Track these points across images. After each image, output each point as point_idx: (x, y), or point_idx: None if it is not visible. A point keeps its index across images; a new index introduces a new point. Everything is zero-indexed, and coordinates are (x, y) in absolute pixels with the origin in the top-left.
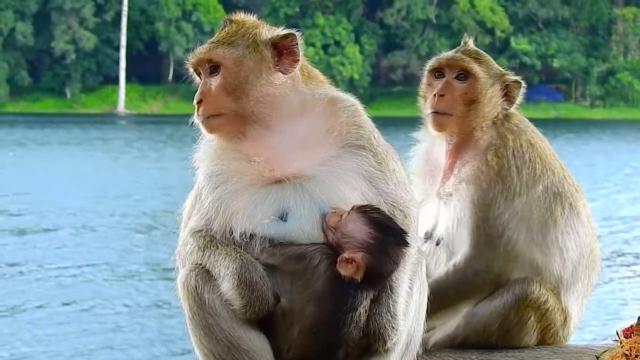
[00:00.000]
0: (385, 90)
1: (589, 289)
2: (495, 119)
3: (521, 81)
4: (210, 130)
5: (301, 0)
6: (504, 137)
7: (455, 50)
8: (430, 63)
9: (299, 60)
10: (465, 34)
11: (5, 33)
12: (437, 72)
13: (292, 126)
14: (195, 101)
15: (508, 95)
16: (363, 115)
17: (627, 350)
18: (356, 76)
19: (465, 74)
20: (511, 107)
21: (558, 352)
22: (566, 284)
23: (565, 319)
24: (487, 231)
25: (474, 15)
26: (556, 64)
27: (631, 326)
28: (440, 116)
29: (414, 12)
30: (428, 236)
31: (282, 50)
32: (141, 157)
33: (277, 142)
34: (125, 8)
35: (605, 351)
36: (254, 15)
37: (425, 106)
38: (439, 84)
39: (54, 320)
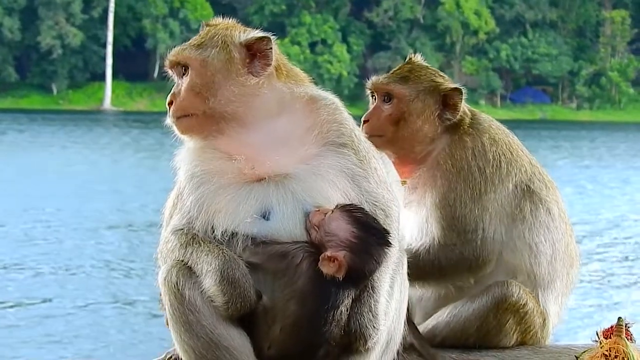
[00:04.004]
0: None
1: (568, 287)
2: (447, 127)
3: (461, 88)
4: (182, 131)
5: None
6: (461, 140)
7: (394, 69)
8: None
9: (270, 64)
10: (410, 51)
11: None
12: (372, 95)
13: (272, 124)
14: (166, 102)
15: (448, 104)
16: (344, 113)
17: (607, 351)
18: (345, 74)
19: (389, 96)
20: (455, 115)
21: (538, 352)
22: (543, 282)
23: (545, 320)
24: (459, 227)
25: (459, 16)
26: (542, 67)
27: (611, 327)
28: (370, 139)
29: (401, 12)
30: None
31: (255, 53)
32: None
33: (257, 140)
34: (112, 4)
35: (584, 351)
36: (239, 13)
37: None
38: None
39: None
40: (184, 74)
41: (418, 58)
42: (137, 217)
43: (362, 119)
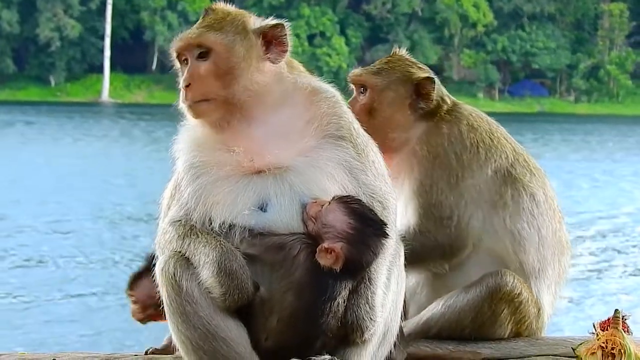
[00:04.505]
0: None
1: (561, 276)
2: (424, 115)
3: (432, 76)
4: (197, 115)
5: None
6: (437, 128)
7: (374, 63)
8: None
9: (287, 50)
10: (395, 46)
11: None
12: (353, 88)
13: (274, 116)
14: (183, 85)
15: (421, 93)
16: (343, 106)
17: (603, 343)
18: (343, 66)
19: (364, 87)
20: (429, 103)
21: (534, 343)
22: (533, 271)
23: (539, 310)
24: (435, 214)
25: (458, 9)
26: (540, 60)
27: (608, 319)
28: None
29: (399, 5)
30: None
31: (270, 40)
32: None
33: (258, 132)
34: None
35: (581, 343)
36: (237, 5)
37: None
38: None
39: None
40: (202, 57)
41: (402, 52)
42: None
43: None
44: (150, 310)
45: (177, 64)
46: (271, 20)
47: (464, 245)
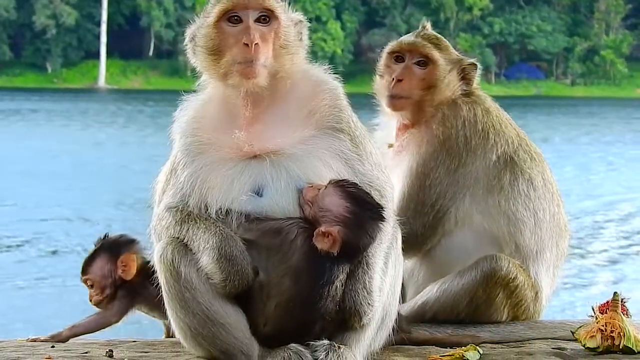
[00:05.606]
0: (366, 67)
1: (559, 259)
2: (453, 98)
3: (477, 63)
4: (251, 76)
5: None
6: (458, 108)
7: (414, 34)
8: (391, 46)
9: (306, 45)
10: (424, 19)
11: None
12: (397, 55)
13: (282, 104)
14: (253, 41)
15: (465, 77)
16: (344, 99)
17: (602, 326)
18: (338, 52)
19: (425, 60)
20: (470, 88)
21: (533, 327)
22: (531, 253)
23: (537, 293)
24: (420, 198)
25: None
26: (537, 43)
27: (607, 302)
28: (397, 100)
29: None
30: None
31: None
32: None
33: (265, 118)
34: None
35: (580, 327)
36: None
37: (382, 87)
38: (398, 68)
39: None
40: (261, 22)
41: (429, 28)
42: None
43: (395, 76)
44: (108, 291)
45: (212, 19)
46: (298, 14)
47: (433, 234)
